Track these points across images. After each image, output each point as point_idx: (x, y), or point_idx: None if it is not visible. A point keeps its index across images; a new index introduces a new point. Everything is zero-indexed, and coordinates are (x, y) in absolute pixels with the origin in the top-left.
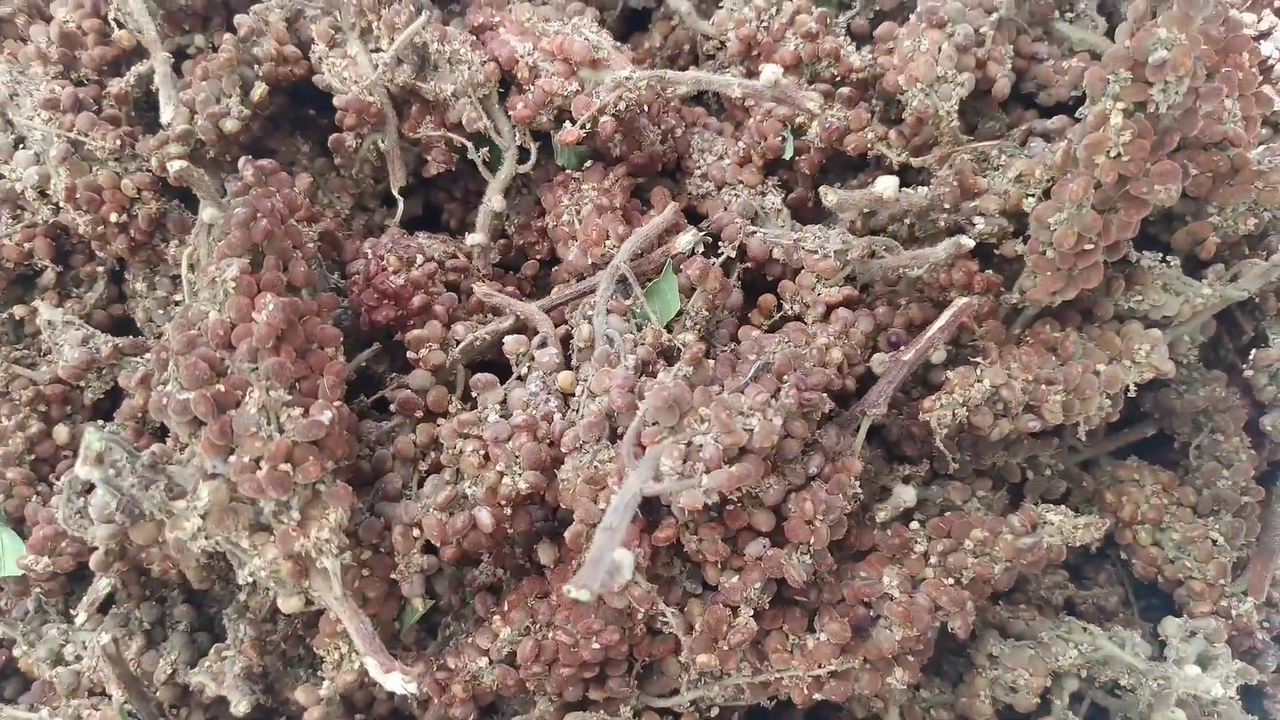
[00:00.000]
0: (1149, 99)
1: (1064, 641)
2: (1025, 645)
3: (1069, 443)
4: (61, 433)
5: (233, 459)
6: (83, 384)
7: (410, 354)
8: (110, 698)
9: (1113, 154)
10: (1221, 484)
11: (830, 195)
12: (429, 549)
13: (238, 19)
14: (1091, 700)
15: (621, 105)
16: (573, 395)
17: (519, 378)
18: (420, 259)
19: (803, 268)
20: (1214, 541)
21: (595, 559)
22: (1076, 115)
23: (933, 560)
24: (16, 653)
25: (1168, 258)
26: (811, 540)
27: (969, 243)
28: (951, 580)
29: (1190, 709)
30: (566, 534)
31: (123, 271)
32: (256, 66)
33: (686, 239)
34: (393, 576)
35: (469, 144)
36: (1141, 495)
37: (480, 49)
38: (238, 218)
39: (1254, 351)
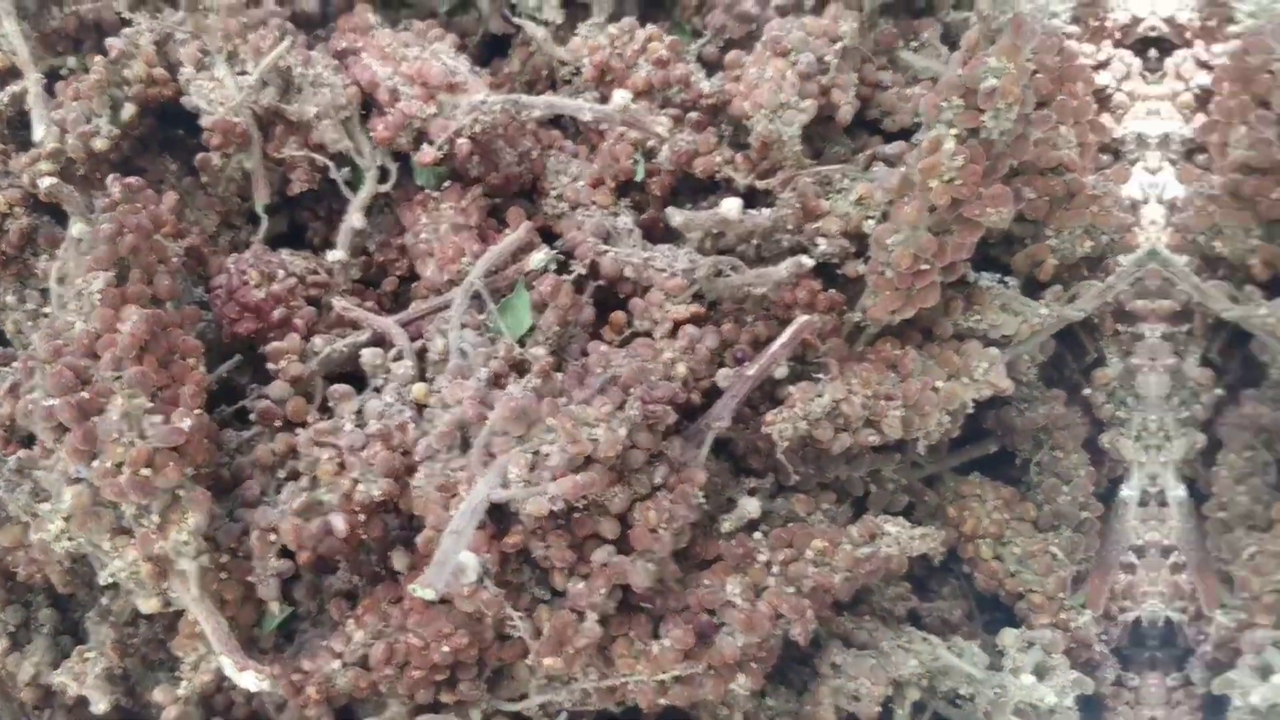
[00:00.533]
0: (981, 125)
1: (904, 651)
2: (868, 655)
3: (912, 458)
4: None
5: (96, 464)
6: None
7: (270, 365)
8: None
9: (946, 178)
10: (1061, 500)
11: (676, 216)
12: (285, 553)
13: (109, 42)
14: (934, 711)
15: (477, 128)
16: (427, 406)
17: (375, 389)
18: (281, 274)
19: (652, 286)
20: (1054, 556)
21: (441, 560)
22: (913, 140)
23: (775, 569)
24: None
25: (1006, 279)
26: (655, 548)
27: (809, 262)
28: (793, 589)
29: (1029, 718)
30: (419, 539)
31: None
32: (126, 88)
33: (539, 257)
34: (250, 579)
35: (331, 164)
36: (983, 510)
37: (343, 73)
38: (104, 233)
39: (1094, 371)
